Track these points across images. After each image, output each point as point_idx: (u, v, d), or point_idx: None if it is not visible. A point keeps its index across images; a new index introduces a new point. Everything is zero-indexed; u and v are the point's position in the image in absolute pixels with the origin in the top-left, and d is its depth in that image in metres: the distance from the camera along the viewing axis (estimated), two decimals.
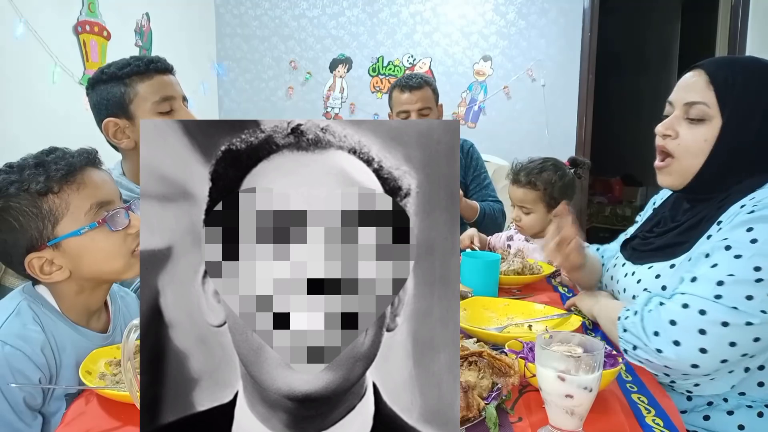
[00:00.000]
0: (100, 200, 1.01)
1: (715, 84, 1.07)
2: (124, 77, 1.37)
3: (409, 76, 2.25)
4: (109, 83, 1.37)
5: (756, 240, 0.97)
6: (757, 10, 3.98)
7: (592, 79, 4.24)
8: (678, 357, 0.96)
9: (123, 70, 1.37)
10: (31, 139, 2.50)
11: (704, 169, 1.09)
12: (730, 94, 1.06)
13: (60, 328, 1.00)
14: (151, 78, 1.39)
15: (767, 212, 0.98)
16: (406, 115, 2.22)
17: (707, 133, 1.07)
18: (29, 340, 0.94)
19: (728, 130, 1.06)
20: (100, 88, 1.39)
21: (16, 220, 0.95)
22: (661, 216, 1.24)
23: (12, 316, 0.96)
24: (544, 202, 1.80)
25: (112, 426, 0.81)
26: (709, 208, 1.10)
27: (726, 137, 1.06)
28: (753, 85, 1.06)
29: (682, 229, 1.13)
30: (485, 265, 1.42)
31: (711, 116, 1.07)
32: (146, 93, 1.37)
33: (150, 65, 1.39)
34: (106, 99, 1.38)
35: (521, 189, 1.82)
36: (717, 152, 1.07)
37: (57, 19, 2.68)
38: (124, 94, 1.37)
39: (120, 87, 1.37)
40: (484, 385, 0.84)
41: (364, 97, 4.44)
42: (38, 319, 0.98)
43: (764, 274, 0.94)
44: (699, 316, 0.95)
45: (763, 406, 1.04)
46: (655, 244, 1.17)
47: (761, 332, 0.94)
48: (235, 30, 4.47)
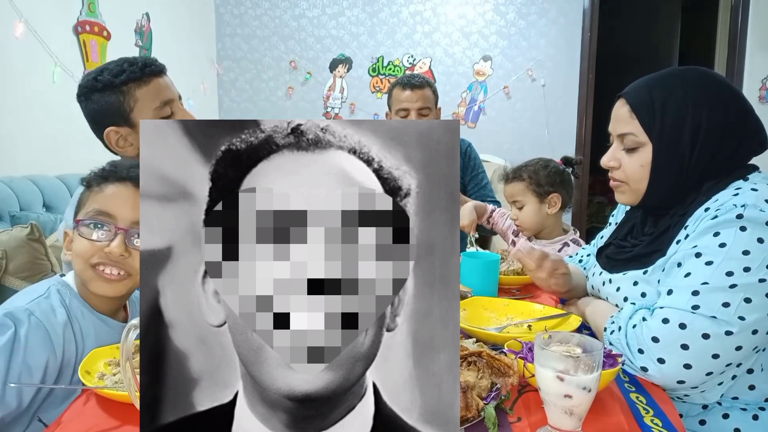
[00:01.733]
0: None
1: (637, 112, 1.10)
2: (120, 85, 1.32)
3: (410, 76, 2.26)
4: (104, 92, 1.33)
5: (724, 244, 0.97)
6: (757, 10, 3.98)
7: (592, 79, 4.25)
8: (663, 375, 0.96)
9: (119, 77, 1.32)
10: (31, 139, 2.50)
11: (650, 190, 1.12)
12: (653, 118, 1.08)
13: (85, 316, 1.06)
14: (149, 83, 1.35)
15: (730, 215, 0.98)
16: (406, 113, 2.22)
17: (642, 159, 1.11)
18: (52, 320, 1.00)
19: (659, 152, 1.09)
20: (95, 96, 1.34)
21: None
22: (633, 222, 1.25)
23: (42, 297, 1.03)
24: (532, 190, 1.81)
25: (111, 426, 0.81)
26: (674, 215, 1.11)
27: (659, 160, 1.09)
28: (672, 103, 1.08)
29: (652, 237, 1.14)
30: (485, 265, 1.42)
31: (642, 143, 1.10)
32: (146, 100, 1.34)
33: (145, 69, 1.35)
34: (103, 109, 1.34)
35: (510, 184, 1.87)
36: (655, 175, 1.10)
37: (57, 19, 2.68)
38: (123, 102, 1.33)
39: (117, 96, 1.32)
40: (483, 385, 0.84)
41: (364, 97, 4.44)
42: (65, 304, 1.04)
43: (737, 278, 0.95)
44: (680, 331, 0.95)
45: (758, 409, 1.04)
46: (629, 253, 1.18)
47: (741, 340, 0.94)
48: (235, 30, 4.47)
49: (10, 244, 1.68)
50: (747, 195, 1.01)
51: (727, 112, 1.06)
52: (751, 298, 0.94)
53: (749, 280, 0.94)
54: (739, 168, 1.08)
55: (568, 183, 1.86)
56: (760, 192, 1.02)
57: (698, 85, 1.09)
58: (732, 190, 1.04)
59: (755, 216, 0.97)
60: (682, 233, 1.07)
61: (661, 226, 1.13)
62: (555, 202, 1.81)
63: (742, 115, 1.07)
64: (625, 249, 1.21)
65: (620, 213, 1.37)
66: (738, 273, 0.95)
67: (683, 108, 1.07)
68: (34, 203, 2.25)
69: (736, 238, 0.97)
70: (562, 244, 1.82)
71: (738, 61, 4.04)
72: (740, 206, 0.99)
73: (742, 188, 1.04)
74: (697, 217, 1.05)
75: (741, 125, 1.07)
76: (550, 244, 1.81)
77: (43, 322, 0.98)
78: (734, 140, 1.07)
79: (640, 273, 1.12)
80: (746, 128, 1.07)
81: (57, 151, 2.66)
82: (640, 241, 1.18)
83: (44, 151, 2.59)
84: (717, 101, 1.07)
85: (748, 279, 0.94)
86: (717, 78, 1.13)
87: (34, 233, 1.78)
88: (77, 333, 1.03)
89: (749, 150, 1.09)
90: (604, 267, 1.25)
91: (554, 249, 1.79)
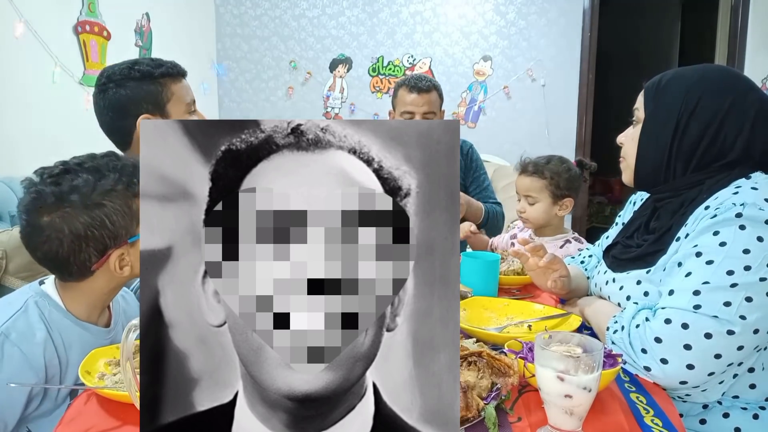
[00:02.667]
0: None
1: (645, 90, 1.17)
2: (158, 77, 1.39)
3: (418, 77, 2.21)
4: (142, 81, 1.38)
5: (725, 243, 0.97)
6: (757, 10, 3.98)
7: (592, 79, 4.24)
8: (666, 375, 0.96)
9: (158, 69, 1.39)
10: (31, 139, 2.50)
11: (637, 165, 1.17)
12: (652, 96, 1.14)
13: (66, 326, 1.02)
14: (180, 82, 1.43)
15: (730, 214, 0.98)
16: (410, 116, 2.19)
17: (635, 133, 1.17)
18: (30, 340, 0.95)
19: (646, 126, 1.14)
20: (130, 84, 1.38)
21: (109, 218, 0.99)
22: (639, 222, 1.25)
23: (19, 312, 0.98)
24: (550, 191, 1.81)
25: (112, 426, 0.81)
26: (674, 213, 1.12)
27: (644, 133, 1.15)
28: (673, 88, 1.11)
29: (656, 236, 1.14)
30: (485, 265, 1.42)
31: (641, 119, 1.16)
32: (180, 95, 1.41)
33: (177, 68, 1.43)
34: (140, 97, 1.38)
35: (528, 178, 1.83)
36: (641, 148, 1.15)
37: (57, 19, 2.68)
38: (161, 93, 1.38)
39: (155, 86, 1.38)
40: (484, 385, 0.84)
41: (364, 97, 4.44)
42: (44, 318, 0.99)
43: (738, 277, 0.95)
44: (682, 331, 0.95)
45: (758, 408, 1.04)
46: (634, 253, 1.18)
47: (743, 340, 0.94)
48: (235, 30, 4.47)
49: (10, 244, 1.68)
50: (747, 193, 1.01)
51: (723, 105, 1.06)
52: (752, 297, 0.94)
53: (750, 279, 0.94)
54: (742, 165, 1.07)
55: (580, 188, 1.88)
56: (760, 191, 1.02)
57: (706, 75, 1.11)
58: (732, 188, 1.04)
59: (754, 215, 0.97)
60: (682, 231, 1.07)
61: (663, 224, 1.14)
62: (567, 205, 1.83)
63: (743, 114, 1.06)
64: (630, 248, 1.21)
65: (628, 213, 1.37)
66: (739, 272, 0.95)
67: (680, 90, 1.09)
68: None
69: (735, 237, 0.97)
70: (564, 241, 1.83)
71: (738, 61, 4.04)
72: (739, 205, 0.99)
73: (742, 186, 1.04)
74: (697, 215, 1.05)
75: (738, 122, 1.06)
76: (552, 241, 1.81)
77: (19, 346, 0.94)
78: (729, 134, 1.06)
79: (644, 272, 1.12)
80: (749, 128, 1.06)
81: (57, 151, 2.64)
82: (644, 240, 1.18)
83: (44, 151, 2.58)
84: (718, 92, 1.07)
85: (748, 278, 0.94)
86: (733, 75, 1.13)
87: None
88: (59, 347, 0.99)
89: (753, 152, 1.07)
90: (609, 266, 1.25)
91: (555, 245, 1.79)
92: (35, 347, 0.95)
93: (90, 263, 1.00)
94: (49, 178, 1.00)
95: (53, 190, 0.98)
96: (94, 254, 1.00)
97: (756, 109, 1.07)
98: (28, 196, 1.00)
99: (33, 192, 0.99)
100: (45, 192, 0.98)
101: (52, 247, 0.98)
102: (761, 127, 1.07)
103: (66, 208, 0.97)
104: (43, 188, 0.98)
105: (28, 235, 1.00)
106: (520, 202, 1.87)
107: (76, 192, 0.98)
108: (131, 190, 1.02)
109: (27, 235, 1.01)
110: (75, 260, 1.00)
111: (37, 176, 1.02)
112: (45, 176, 1.00)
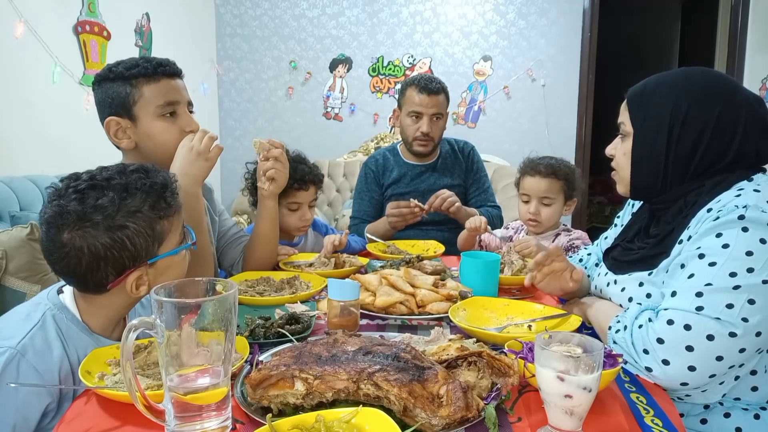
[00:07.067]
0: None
1: (629, 103, 1.16)
2: (130, 78, 1.37)
3: (429, 78, 2.21)
4: (115, 82, 1.37)
5: (728, 245, 0.97)
6: (757, 10, 3.99)
7: (592, 79, 4.25)
8: (667, 376, 0.96)
9: (131, 70, 1.37)
10: (31, 139, 2.50)
11: (633, 178, 1.17)
12: (638, 109, 1.14)
13: (83, 341, 1.00)
14: (158, 81, 1.39)
15: (732, 216, 0.98)
16: (418, 116, 2.20)
17: (626, 148, 1.17)
18: (47, 358, 0.93)
19: (637, 140, 1.14)
20: (106, 85, 1.39)
21: (130, 240, 0.97)
22: (640, 224, 1.25)
23: (36, 328, 0.96)
24: (564, 191, 1.83)
25: (112, 426, 0.80)
26: (676, 216, 1.11)
27: (637, 148, 1.14)
28: (658, 95, 1.11)
29: (658, 239, 1.14)
30: (485, 265, 1.42)
31: (629, 132, 1.16)
32: (151, 96, 1.37)
33: (158, 68, 1.39)
34: (110, 97, 1.38)
35: (545, 179, 1.81)
36: (636, 163, 1.15)
37: (57, 19, 2.68)
38: (129, 94, 1.37)
39: (126, 87, 1.37)
40: (484, 385, 0.84)
41: (364, 97, 4.44)
42: (61, 334, 0.98)
43: (740, 279, 0.95)
44: (684, 332, 0.95)
45: (759, 409, 1.04)
46: (635, 255, 1.18)
47: (745, 342, 0.94)
48: (235, 30, 4.47)
49: (10, 244, 1.68)
50: (749, 196, 1.01)
51: (713, 111, 1.06)
52: (754, 299, 0.94)
53: (753, 281, 0.94)
54: (738, 166, 1.07)
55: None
56: (763, 193, 1.02)
57: (690, 81, 1.10)
58: (735, 191, 1.04)
59: (757, 217, 0.97)
60: (685, 234, 1.06)
61: (665, 228, 1.13)
62: (571, 205, 1.84)
63: (734, 116, 1.06)
64: (631, 251, 1.21)
65: (626, 215, 1.37)
66: (741, 274, 0.95)
67: (667, 100, 1.09)
68: (34, 203, 2.25)
69: (738, 239, 0.97)
70: (554, 236, 1.86)
71: (738, 61, 4.04)
72: (742, 207, 0.99)
73: (744, 189, 1.04)
74: (700, 218, 1.05)
75: (731, 126, 1.05)
76: (544, 240, 1.83)
77: (36, 366, 0.91)
78: (722, 139, 1.06)
79: (646, 274, 1.12)
80: (741, 131, 1.06)
81: (57, 151, 2.66)
82: (646, 244, 1.18)
83: (44, 151, 2.58)
84: (705, 98, 1.07)
85: (751, 280, 0.94)
86: (715, 77, 1.12)
87: (34, 233, 1.77)
88: (74, 362, 0.97)
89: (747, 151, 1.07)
90: (609, 268, 1.25)
91: (548, 241, 1.82)
92: (51, 365, 0.94)
93: (107, 281, 0.98)
94: (75, 193, 0.96)
95: (76, 209, 0.94)
96: (112, 273, 0.98)
97: (746, 109, 1.07)
98: (51, 208, 0.96)
99: (56, 206, 0.95)
100: (68, 209, 0.94)
101: (70, 263, 0.96)
102: (752, 125, 1.07)
103: (87, 228, 0.94)
104: (66, 204, 0.95)
105: (47, 247, 0.98)
106: (528, 204, 1.85)
107: (100, 212, 0.94)
108: (156, 211, 0.99)
109: (46, 247, 0.98)
110: (92, 277, 0.97)
111: (63, 186, 0.98)
112: (70, 190, 0.96)
